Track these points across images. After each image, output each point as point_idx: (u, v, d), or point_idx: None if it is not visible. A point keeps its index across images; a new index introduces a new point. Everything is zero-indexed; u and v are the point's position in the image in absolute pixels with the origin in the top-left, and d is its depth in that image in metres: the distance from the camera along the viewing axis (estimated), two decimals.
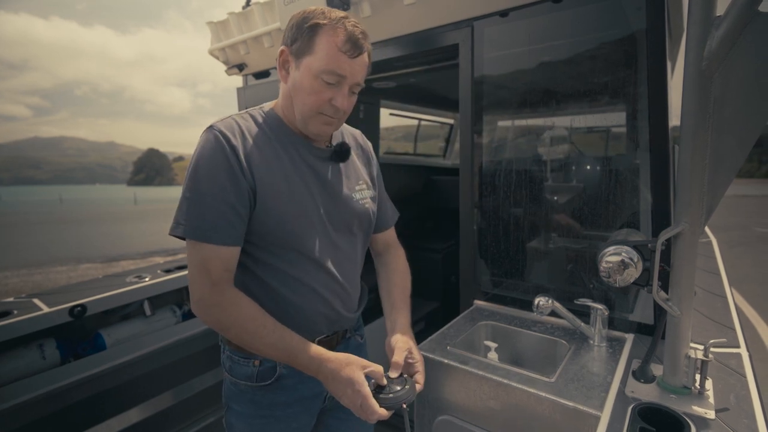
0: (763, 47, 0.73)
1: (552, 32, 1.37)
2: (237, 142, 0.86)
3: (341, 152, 1.01)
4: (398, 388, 0.84)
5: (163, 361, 1.90)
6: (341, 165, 1.02)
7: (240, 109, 2.73)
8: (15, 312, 1.64)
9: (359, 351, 1.12)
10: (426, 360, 1.23)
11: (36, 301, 1.79)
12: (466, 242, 1.62)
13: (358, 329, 1.14)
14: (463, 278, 1.64)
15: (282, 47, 0.89)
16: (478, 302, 1.61)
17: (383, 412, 0.79)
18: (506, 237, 1.53)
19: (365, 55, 0.88)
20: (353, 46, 0.84)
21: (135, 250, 10.55)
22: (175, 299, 2.21)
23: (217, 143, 0.84)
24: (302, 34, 0.85)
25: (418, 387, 0.92)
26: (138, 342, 1.83)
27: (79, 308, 1.73)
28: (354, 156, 1.07)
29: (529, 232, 1.49)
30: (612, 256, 1.02)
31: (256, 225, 0.88)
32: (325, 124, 0.91)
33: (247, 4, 2.01)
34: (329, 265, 0.97)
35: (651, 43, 1.18)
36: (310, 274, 0.94)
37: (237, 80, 2.49)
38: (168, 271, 2.19)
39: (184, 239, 0.85)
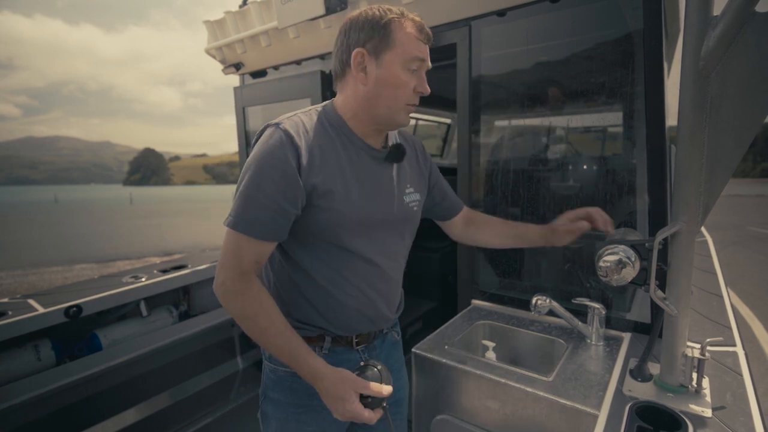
0: (760, 47, 0.74)
1: (549, 32, 1.37)
2: (300, 142, 0.88)
3: (397, 154, 1.02)
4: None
5: (160, 361, 1.89)
6: (394, 166, 1.03)
7: (236, 108, 2.67)
8: (10, 313, 1.63)
9: (395, 348, 1.15)
10: (424, 359, 1.23)
11: (31, 301, 1.77)
12: None
13: (394, 326, 1.16)
14: (461, 278, 1.64)
15: (356, 49, 0.90)
16: (475, 302, 1.61)
17: (370, 415, 0.83)
18: None
19: None
20: (425, 32, 0.92)
21: (131, 250, 10.50)
22: (172, 299, 2.20)
23: (280, 142, 0.86)
24: (377, 32, 0.89)
25: None
26: (134, 343, 1.82)
27: (74, 309, 1.71)
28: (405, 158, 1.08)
29: None
30: (609, 255, 1.02)
31: (311, 223, 0.90)
32: (409, 113, 0.96)
33: (244, 2, 2.00)
34: (379, 265, 0.99)
35: (648, 43, 1.19)
36: (360, 274, 0.97)
37: (229, 79, 2.48)
38: (164, 272, 2.18)
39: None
